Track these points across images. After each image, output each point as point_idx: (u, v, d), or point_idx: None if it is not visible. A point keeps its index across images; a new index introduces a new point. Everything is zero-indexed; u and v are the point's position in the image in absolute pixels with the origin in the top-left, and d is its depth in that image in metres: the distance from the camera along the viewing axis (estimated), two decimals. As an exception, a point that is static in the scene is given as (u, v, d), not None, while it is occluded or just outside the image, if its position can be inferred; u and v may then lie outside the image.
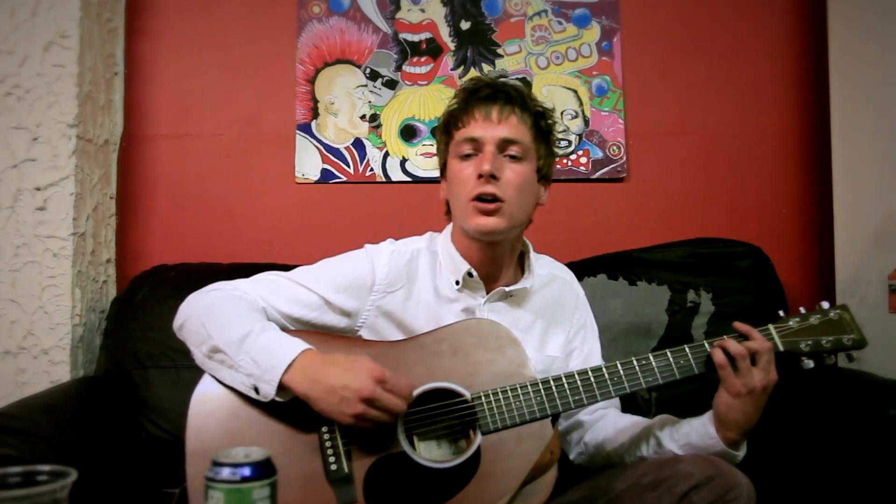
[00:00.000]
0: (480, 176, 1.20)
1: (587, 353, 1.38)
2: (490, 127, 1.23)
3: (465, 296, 1.28)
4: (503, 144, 1.23)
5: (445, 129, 1.30)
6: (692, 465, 1.09)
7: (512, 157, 1.24)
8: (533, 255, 1.35)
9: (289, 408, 1.09)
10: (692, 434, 1.18)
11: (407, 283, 1.27)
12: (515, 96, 1.27)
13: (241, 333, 1.09)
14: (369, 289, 1.25)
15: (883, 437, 1.34)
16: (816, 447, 1.50)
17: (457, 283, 1.27)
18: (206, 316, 1.15)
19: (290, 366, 1.06)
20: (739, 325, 1.17)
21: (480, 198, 1.21)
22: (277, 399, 1.07)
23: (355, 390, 1.03)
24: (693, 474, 1.07)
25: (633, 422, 1.29)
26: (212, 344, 1.11)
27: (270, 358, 1.07)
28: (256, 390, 1.07)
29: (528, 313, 1.32)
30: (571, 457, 1.35)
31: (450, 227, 1.34)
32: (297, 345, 1.09)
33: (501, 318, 1.27)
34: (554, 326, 1.35)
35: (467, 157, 1.24)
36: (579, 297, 1.42)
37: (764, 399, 1.14)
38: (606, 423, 1.32)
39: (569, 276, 1.44)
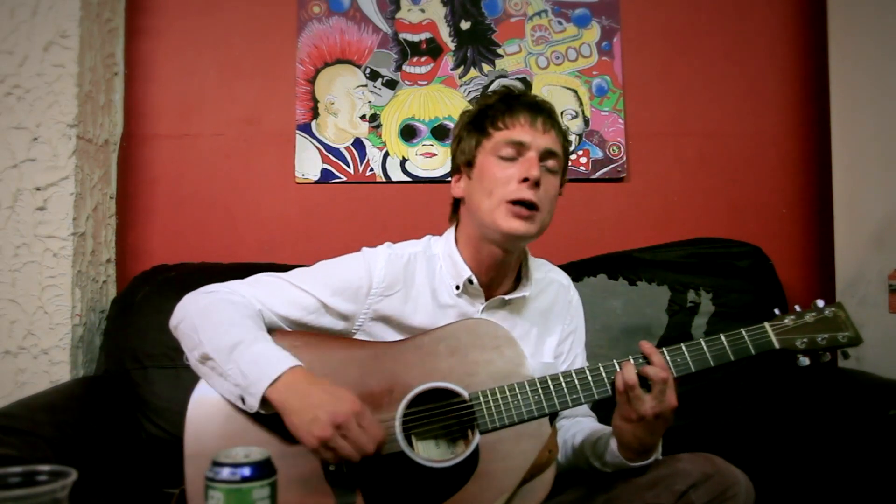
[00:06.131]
0: (525, 180, 1.19)
1: (571, 360, 1.38)
2: (536, 135, 1.23)
3: (463, 302, 1.27)
4: (545, 155, 1.23)
5: (479, 127, 1.27)
6: (690, 463, 1.10)
7: (548, 169, 1.24)
8: (531, 261, 1.35)
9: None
10: (607, 455, 1.16)
11: (404, 286, 1.26)
12: (554, 113, 1.28)
13: (231, 342, 1.09)
14: (366, 293, 1.24)
15: (883, 437, 1.34)
16: (816, 447, 1.50)
17: (457, 287, 1.27)
18: (198, 321, 1.14)
19: (276, 380, 1.05)
20: (644, 346, 1.14)
21: (521, 202, 1.19)
22: (261, 412, 1.06)
23: (331, 413, 1.01)
24: (691, 472, 1.08)
25: (583, 437, 1.26)
26: (203, 351, 1.11)
27: (257, 370, 1.06)
28: (243, 400, 1.07)
29: (525, 321, 1.32)
30: None
31: (451, 231, 1.33)
32: (286, 360, 1.08)
33: None
34: (547, 332, 1.35)
35: (507, 160, 1.22)
36: (572, 303, 1.41)
37: (660, 425, 1.10)
38: (567, 430, 1.32)
39: (565, 280, 1.43)
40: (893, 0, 1.71)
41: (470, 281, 1.26)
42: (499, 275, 1.29)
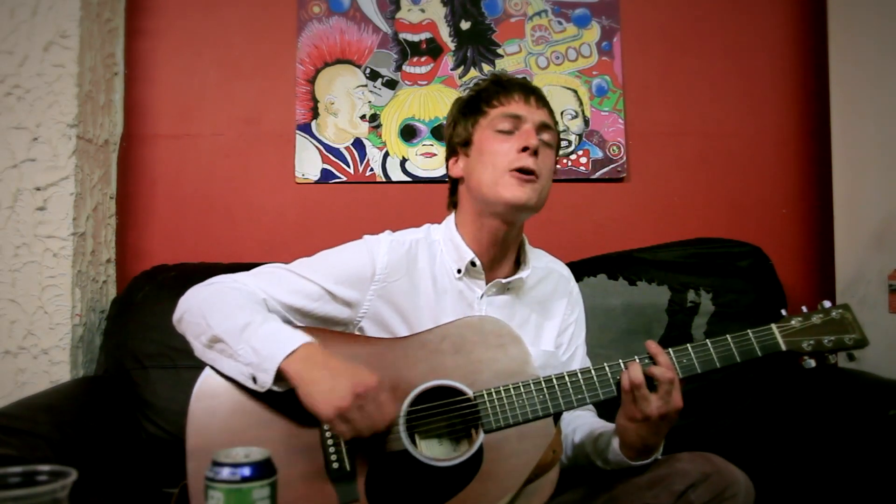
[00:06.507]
0: (524, 149, 1.22)
1: (573, 352, 1.39)
2: (531, 109, 1.28)
3: (464, 285, 1.28)
4: (541, 127, 1.27)
5: (475, 107, 1.31)
6: (689, 463, 1.10)
7: (544, 142, 1.27)
8: (528, 248, 1.37)
9: (291, 405, 1.09)
10: (608, 453, 1.17)
11: (407, 272, 1.27)
12: (544, 95, 1.33)
13: (242, 323, 1.09)
14: (370, 279, 1.25)
15: (883, 437, 1.34)
16: (816, 447, 1.50)
17: (458, 270, 1.28)
18: (206, 307, 1.14)
19: (290, 354, 1.05)
20: (650, 346, 1.14)
21: (521, 170, 1.22)
22: (274, 388, 1.06)
23: (352, 383, 1.02)
24: (690, 472, 1.08)
25: (584, 434, 1.27)
26: (211, 334, 1.11)
27: (270, 347, 1.06)
28: (254, 380, 1.07)
29: (525, 308, 1.33)
30: None
31: (451, 217, 1.34)
32: (299, 336, 1.08)
33: (499, 312, 1.28)
34: (547, 321, 1.35)
35: (505, 133, 1.26)
36: (573, 294, 1.42)
37: (664, 425, 1.10)
38: (567, 425, 1.32)
39: (566, 271, 1.44)
40: (893, 0, 1.71)
41: (472, 263, 1.27)
42: (500, 253, 1.30)
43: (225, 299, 1.16)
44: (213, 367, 1.13)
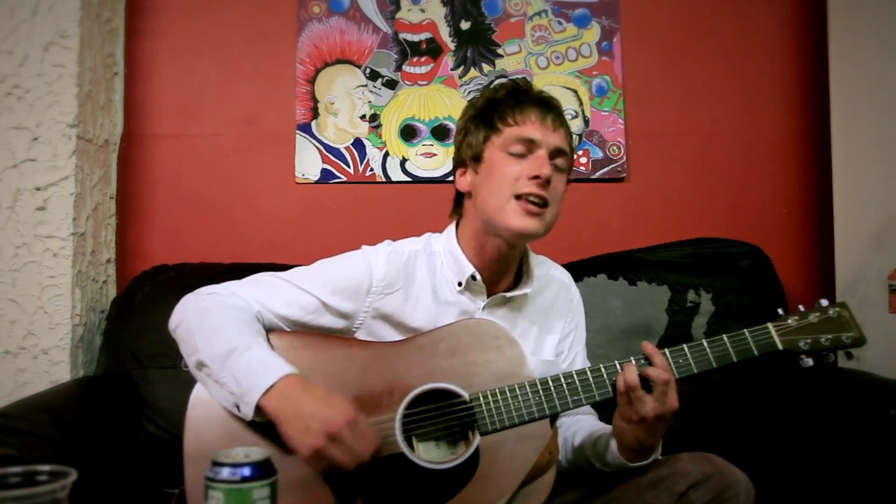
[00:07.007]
0: (535, 178, 1.19)
1: (572, 359, 1.38)
2: (547, 133, 1.23)
3: (465, 298, 1.27)
4: (555, 153, 1.23)
5: (488, 121, 1.26)
6: (690, 463, 1.10)
7: (557, 167, 1.24)
8: (532, 257, 1.35)
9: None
10: (607, 455, 1.17)
11: (405, 284, 1.26)
12: (562, 111, 1.28)
13: (226, 350, 1.08)
14: (366, 291, 1.23)
15: (883, 437, 1.34)
16: (816, 447, 1.50)
17: (459, 284, 1.26)
18: (195, 326, 1.13)
19: (269, 388, 1.04)
20: (646, 346, 1.13)
21: (530, 198, 1.20)
22: (256, 419, 1.06)
23: (323, 422, 1.00)
24: (691, 473, 1.08)
25: (583, 437, 1.27)
26: (197, 358, 1.11)
27: (252, 379, 1.05)
28: (238, 408, 1.07)
29: (525, 319, 1.32)
30: None
31: (452, 228, 1.32)
32: (280, 368, 1.06)
33: (500, 323, 1.26)
34: (548, 330, 1.35)
35: (517, 156, 1.22)
36: (573, 301, 1.41)
37: (661, 426, 1.10)
38: (567, 428, 1.32)
39: (567, 277, 1.43)
40: (893, 0, 1.71)
41: (473, 277, 1.25)
42: (501, 269, 1.29)
43: (214, 319, 1.14)
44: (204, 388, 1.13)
